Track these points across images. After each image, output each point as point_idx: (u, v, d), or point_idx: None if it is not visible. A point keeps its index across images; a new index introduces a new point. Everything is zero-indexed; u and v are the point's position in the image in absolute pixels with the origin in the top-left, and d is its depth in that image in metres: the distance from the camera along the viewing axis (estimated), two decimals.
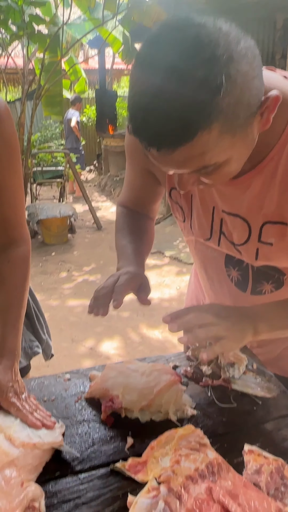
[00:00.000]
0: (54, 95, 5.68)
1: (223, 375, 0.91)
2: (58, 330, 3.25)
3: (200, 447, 0.74)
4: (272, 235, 0.81)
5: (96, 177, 9.90)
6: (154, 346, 3.06)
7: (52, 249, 5.16)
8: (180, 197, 0.92)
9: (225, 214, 0.86)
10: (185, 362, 1.00)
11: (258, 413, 0.84)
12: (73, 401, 0.88)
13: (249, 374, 0.92)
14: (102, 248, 5.27)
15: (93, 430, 0.81)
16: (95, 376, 0.92)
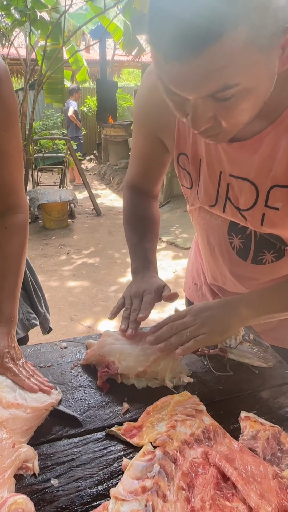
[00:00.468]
0: (55, 83, 5.57)
1: (220, 345, 0.87)
2: (57, 310, 3.22)
3: (196, 413, 0.71)
4: (279, 199, 0.78)
5: (96, 166, 9.79)
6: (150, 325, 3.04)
7: (52, 233, 5.10)
8: (189, 163, 0.88)
9: (233, 179, 0.82)
10: None
11: (255, 382, 0.81)
12: (69, 368, 0.84)
13: (245, 345, 0.89)
14: (101, 233, 5.22)
15: (89, 395, 0.77)
16: (91, 344, 0.88)
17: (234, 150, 0.78)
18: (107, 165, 8.86)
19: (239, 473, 0.60)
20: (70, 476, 0.61)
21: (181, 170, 0.91)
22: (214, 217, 0.93)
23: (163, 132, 0.90)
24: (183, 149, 0.87)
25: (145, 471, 0.60)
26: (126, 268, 4.12)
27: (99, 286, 3.72)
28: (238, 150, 0.78)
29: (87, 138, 10.37)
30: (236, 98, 0.58)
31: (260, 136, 0.74)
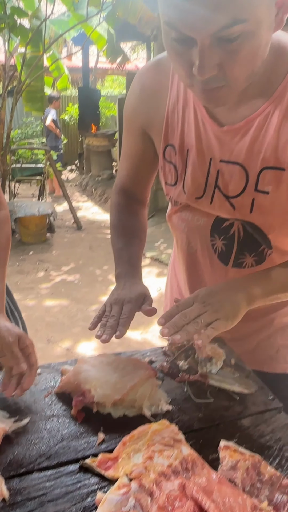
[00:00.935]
0: (35, 91, 5.63)
1: (200, 370, 0.89)
2: (34, 331, 3.20)
3: (175, 442, 0.73)
4: (269, 182, 0.83)
5: (78, 177, 9.86)
6: (133, 347, 3.03)
7: (30, 248, 5.09)
8: (175, 154, 0.92)
9: (223, 164, 0.87)
10: (161, 357, 0.98)
11: (235, 409, 0.83)
12: (42, 396, 0.85)
13: (226, 370, 0.91)
14: (82, 248, 5.24)
15: (62, 425, 0.78)
16: (66, 371, 0.90)
17: (226, 134, 0.84)
18: (89, 176, 8.93)
19: (216, 506, 0.61)
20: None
21: (167, 164, 0.96)
22: (197, 218, 0.97)
23: (152, 126, 0.97)
24: (171, 140, 0.93)
25: (120, 505, 0.61)
26: (108, 286, 4.13)
27: (79, 305, 3.72)
28: (230, 134, 0.84)
29: (68, 147, 10.44)
30: (241, 40, 0.64)
31: (252, 117, 0.80)
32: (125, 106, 1.03)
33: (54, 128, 7.86)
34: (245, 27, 0.62)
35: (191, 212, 0.97)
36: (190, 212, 0.97)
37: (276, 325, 1.05)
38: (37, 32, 5.03)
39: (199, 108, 0.87)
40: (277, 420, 0.80)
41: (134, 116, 1.00)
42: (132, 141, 1.04)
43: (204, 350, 0.93)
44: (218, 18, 0.60)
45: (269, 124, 0.80)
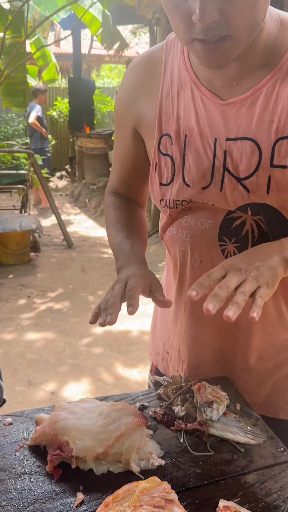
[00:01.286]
0: (16, 83, 5.74)
1: (199, 417, 0.91)
2: (12, 370, 3.21)
3: (166, 503, 0.74)
4: (286, 154, 0.88)
5: (69, 185, 9.97)
6: (131, 389, 3.04)
7: (9, 270, 5.14)
8: (172, 144, 0.99)
9: (231, 142, 0.93)
10: (155, 402, 1.00)
11: (239, 463, 0.84)
12: (13, 450, 0.87)
13: (230, 416, 0.93)
14: (72, 269, 5.27)
15: (36, 484, 0.79)
16: (42, 420, 0.91)
17: (231, 108, 0.92)
18: (82, 184, 9.04)
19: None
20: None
21: (162, 158, 1.02)
22: (201, 221, 1.00)
23: (144, 124, 1.05)
24: (166, 129, 1.00)
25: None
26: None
27: (67, 338, 3.74)
28: (235, 107, 0.91)
29: (57, 150, 10.61)
30: None
31: (258, 86, 0.89)
32: (115, 103, 1.12)
33: (40, 127, 7.99)
34: None
35: (193, 215, 1.01)
36: (192, 215, 1.01)
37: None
38: (19, 14, 5.18)
39: (197, 86, 0.96)
40: (287, 475, 0.81)
41: (125, 114, 1.09)
42: (123, 141, 1.13)
43: (204, 392, 0.96)
44: None
45: (279, 91, 0.88)
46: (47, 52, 6.96)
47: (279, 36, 0.90)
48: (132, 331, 3.86)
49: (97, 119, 10.32)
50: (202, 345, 1.10)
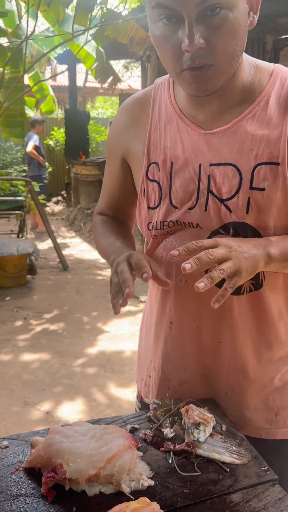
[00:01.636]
0: (14, 115, 5.82)
1: (187, 439, 0.91)
2: (8, 391, 3.19)
3: None
4: (265, 177, 0.94)
5: (64, 210, 10.02)
6: (124, 408, 3.02)
7: (6, 292, 5.12)
8: (159, 170, 1.04)
9: (214, 167, 0.98)
10: (145, 424, 1.01)
11: (225, 482, 0.84)
12: (9, 472, 0.87)
13: (216, 437, 0.93)
14: (68, 291, 5.27)
15: (31, 506, 0.79)
16: (37, 442, 0.91)
17: (214, 136, 0.98)
18: (77, 208, 9.09)
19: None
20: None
21: (150, 183, 1.06)
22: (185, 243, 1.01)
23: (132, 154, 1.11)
24: (154, 157, 1.05)
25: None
26: (96, 336, 4.14)
27: (62, 359, 3.71)
28: (218, 136, 0.98)
29: (54, 176, 10.69)
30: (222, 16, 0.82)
31: (238, 119, 0.96)
32: (108, 136, 1.18)
33: (37, 155, 8.06)
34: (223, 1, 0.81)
35: (177, 238, 1.04)
36: (177, 238, 1.04)
37: (275, 384, 1.08)
38: (18, 51, 5.28)
39: (182, 120, 1.02)
40: (271, 494, 0.82)
41: (115, 145, 1.15)
42: (112, 169, 1.18)
43: (191, 414, 0.96)
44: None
45: (257, 122, 0.96)
46: (44, 86, 7.06)
47: (256, 78, 0.99)
48: (125, 351, 3.85)
49: (92, 147, 10.43)
50: (190, 359, 1.09)
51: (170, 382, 1.14)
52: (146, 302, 1.26)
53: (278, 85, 0.98)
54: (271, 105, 0.96)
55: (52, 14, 5.36)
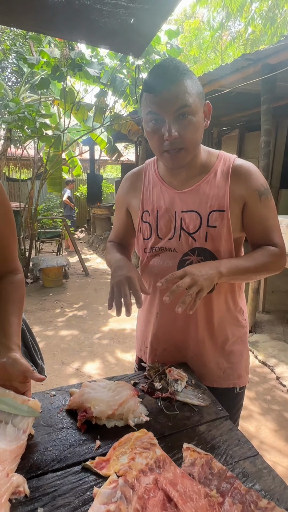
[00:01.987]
0: (55, 178, 5.85)
1: (170, 389, 0.91)
2: (52, 355, 3.13)
3: (151, 446, 0.74)
4: (215, 220, 0.96)
5: (86, 236, 9.98)
6: (126, 366, 2.99)
7: (49, 291, 5.07)
8: (149, 215, 1.05)
9: (184, 213, 1.00)
10: (142, 380, 1.00)
11: (195, 418, 0.84)
12: (56, 412, 0.86)
13: (188, 388, 0.93)
14: (89, 290, 5.23)
15: (70, 435, 0.79)
16: (74, 392, 0.91)
17: (184, 194, 1.00)
18: (94, 235, 9.06)
19: (180, 494, 0.63)
20: (53, 504, 0.62)
21: (143, 224, 1.07)
22: (166, 262, 1.03)
23: (132, 206, 1.11)
24: (146, 207, 1.06)
25: (110, 497, 0.62)
26: (108, 319, 4.10)
27: (86, 334, 3.67)
28: (186, 194, 1.00)
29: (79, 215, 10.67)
30: (188, 119, 0.87)
31: (198, 184, 0.99)
32: (117, 194, 1.18)
33: (69, 203, 8.07)
34: (189, 109, 0.86)
35: (160, 258, 1.04)
36: (160, 259, 1.05)
37: (224, 352, 1.08)
38: (58, 138, 5.33)
39: (163, 184, 1.04)
40: (224, 426, 0.82)
41: (121, 201, 1.16)
42: (119, 216, 1.19)
43: (172, 373, 0.96)
44: (175, 103, 0.85)
45: (210, 185, 0.98)
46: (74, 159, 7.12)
47: (208, 159, 1.01)
48: (127, 329, 3.82)
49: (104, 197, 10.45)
50: (169, 336, 1.09)
51: (156, 351, 1.13)
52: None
53: (222, 163, 1.00)
54: (218, 175, 0.98)
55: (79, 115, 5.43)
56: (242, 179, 0.96)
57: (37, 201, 5.60)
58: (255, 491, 0.65)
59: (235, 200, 0.96)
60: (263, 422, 2.30)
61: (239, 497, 0.64)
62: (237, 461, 0.72)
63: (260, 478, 0.69)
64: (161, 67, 0.86)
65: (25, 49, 7.87)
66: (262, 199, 0.96)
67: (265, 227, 0.98)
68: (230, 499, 0.64)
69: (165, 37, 4.93)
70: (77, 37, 1.73)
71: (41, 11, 1.42)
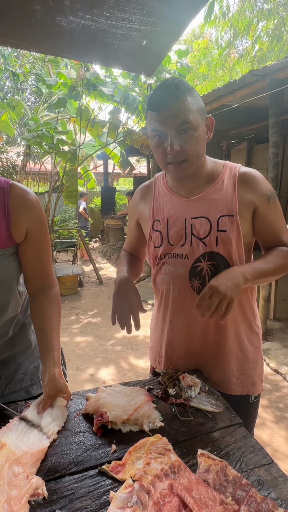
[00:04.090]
0: (71, 191, 5.95)
1: (183, 395, 0.90)
2: (67, 361, 3.13)
3: (165, 451, 0.73)
4: (225, 224, 0.97)
5: (100, 246, 10.05)
6: (139, 372, 2.96)
7: (65, 298, 5.10)
8: (160, 224, 1.05)
9: (194, 220, 1.00)
10: (156, 386, 0.99)
11: (209, 425, 0.83)
12: (73, 416, 0.86)
13: (202, 394, 0.92)
14: (103, 298, 5.24)
15: (86, 439, 0.78)
16: (90, 397, 0.90)
17: (193, 202, 1.01)
18: (108, 245, 9.11)
19: (195, 501, 0.62)
20: (70, 507, 0.62)
21: (154, 232, 1.07)
22: (178, 269, 1.03)
23: (143, 217, 1.13)
24: (157, 216, 1.06)
25: (126, 501, 0.61)
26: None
27: (100, 340, 3.66)
28: (195, 201, 1.01)
29: (93, 226, 10.78)
30: (189, 133, 0.89)
31: (206, 192, 1.00)
32: (129, 205, 1.21)
33: (84, 214, 8.17)
34: (190, 125, 0.88)
35: (172, 266, 1.04)
36: (172, 266, 1.04)
37: (237, 359, 1.06)
38: (74, 153, 5.45)
39: (172, 194, 1.05)
40: (238, 433, 0.80)
41: (133, 212, 1.17)
42: (131, 226, 1.20)
43: (186, 380, 0.95)
44: (176, 120, 0.88)
45: (218, 192, 0.99)
46: (89, 173, 7.23)
47: (215, 168, 1.02)
48: (139, 335, 3.79)
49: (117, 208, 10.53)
50: (183, 344, 1.08)
51: (172, 360, 1.12)
52: (154, 306, 1.25)
53: (228, 171, 1.01)
54: (225, 182, 0.99)
55: (94, 131, 5.54)
56: (250, 185, 0.97)
57: (54, 212, 5.70)
58: (271, 500, 0.62)
59: (244, 205, 0.97)
60: (276, 430, 2.23)
61: (255, 505, 0.62)
62: (252, 468, 0.70)
63: (275, 486, 0.66)
64: (163, 87, 0.90)
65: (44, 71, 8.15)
66: (270, 202, 0.98)
67: (276, 229, 1.00)
68: (246, 507, 0.62)
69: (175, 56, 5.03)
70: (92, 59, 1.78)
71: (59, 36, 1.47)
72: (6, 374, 1.00)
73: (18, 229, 0.89)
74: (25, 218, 0.89)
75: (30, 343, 1.04)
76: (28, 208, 0.90)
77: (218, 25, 9.05)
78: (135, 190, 1.20)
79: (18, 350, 1.02)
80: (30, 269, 0.95)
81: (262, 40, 9.32)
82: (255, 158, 7.06)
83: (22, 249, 0.93)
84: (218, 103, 3.93)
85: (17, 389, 1.01)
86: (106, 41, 1.49)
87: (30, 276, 0.96)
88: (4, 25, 1.37)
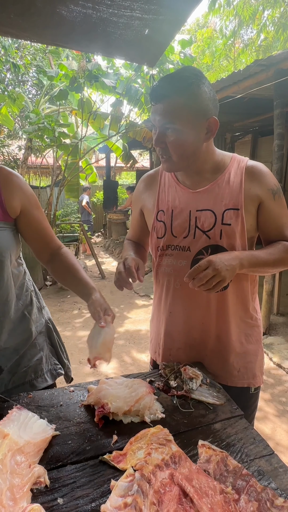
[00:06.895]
0: (73, 184, 5.94)
1: (185, 387, 0.91)
2: (69, 355, 3.09)
3: (166, 442, 0.74)
4: (230, 218, 0.97)
5: (102, 240, 10.06)
6: (141, 366, 2.98)
7: (68, 293, 5.12)
8: (164, 215, 1.06)
9: (199, 212, 1.00)
10: (158, 378, 1.00)
11: (210, 416, 0.84)
12: (74, 407, 0.87)
13: (203, 387, 0.93)
14: (105, 292, 5.25)
15: (88, 429, 0.79)
16: (92, 388, 0.91)
17: (198, 194, 1.01)
18: (110, 239, 9.12)
19: (195, 490, 0.63)
20: (72, 495, 0.63)
21: (158, 223, 1.07)
22: (179, 261, 1.03)
23: (146, 207, 1.13)
24: (161, 206, 1.06)
25: (127, 490, 0.62)
26: (123, 320, 4.11)
27: None
28: (201, 193, 1.01)
29: (96, 220, 10.76)
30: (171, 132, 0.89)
31: (212, 184, 1.00)
32: (133, 195, 1.21)
33: (87, 208, 8.17)
34: (175, 126, 0.89)
35: (174, 258, 1.04)
36: (174, 258, 1.04)
37: (238, 352, 1.06)
38: (75, 147, 5.42)
39: (178, 184, 1.05)
40: (239, 424, 0.81)
41: (137, 202, 1.18)
42: (135, 216, 1.20)
43: (187, 372, 0.96)
44: (164, 118, 0.89)
45: (225, 185, 0.98)
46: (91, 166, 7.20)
47: (222, 161, 1.02)
48: (142, 330, 3.82)
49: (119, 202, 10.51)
50: (183, 335, 1.08)
51: (171, 351, 1.12)
52: (153, 298, 1.25)
53: (235, 164, 1.00)
54: (232, 175, 0.99)
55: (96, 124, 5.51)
56: (256, 179, 0.97)
57: (56, 207, 5.70)
58: (271, 489, 0.63)
59: (250, 199, 0.97)
60: (278, 424, 2.24)
61: (255, 495, 0.63)
62: (253, 459, 0.71)
63: (276, 476, 0.67)
64: (166, 78, 0.89)
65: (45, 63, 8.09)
66: (276, 197, 0.98)
67: (280, 224, 1.00)
68: (246, 496, 0.62)
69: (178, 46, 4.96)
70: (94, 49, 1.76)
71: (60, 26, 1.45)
72: (9, 367, 1.01)
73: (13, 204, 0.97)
74: (16, 194, 0.98)
75: (30, 333, 1.06)
76: (16, 185, 0.99)
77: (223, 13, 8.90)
78: (139, 180, 1.19)
79: (19, 341, 1.03)
80: (35, 240, 1.05)
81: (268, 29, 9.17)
82: (259, 150, 7.00)
83: (21, 224, 1.01)
84: (222, 94, 3.89)
85: (21, 382, 1.03)
86: (108, 31, 1.47)
87: (38, 246, 1.06)
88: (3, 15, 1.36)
